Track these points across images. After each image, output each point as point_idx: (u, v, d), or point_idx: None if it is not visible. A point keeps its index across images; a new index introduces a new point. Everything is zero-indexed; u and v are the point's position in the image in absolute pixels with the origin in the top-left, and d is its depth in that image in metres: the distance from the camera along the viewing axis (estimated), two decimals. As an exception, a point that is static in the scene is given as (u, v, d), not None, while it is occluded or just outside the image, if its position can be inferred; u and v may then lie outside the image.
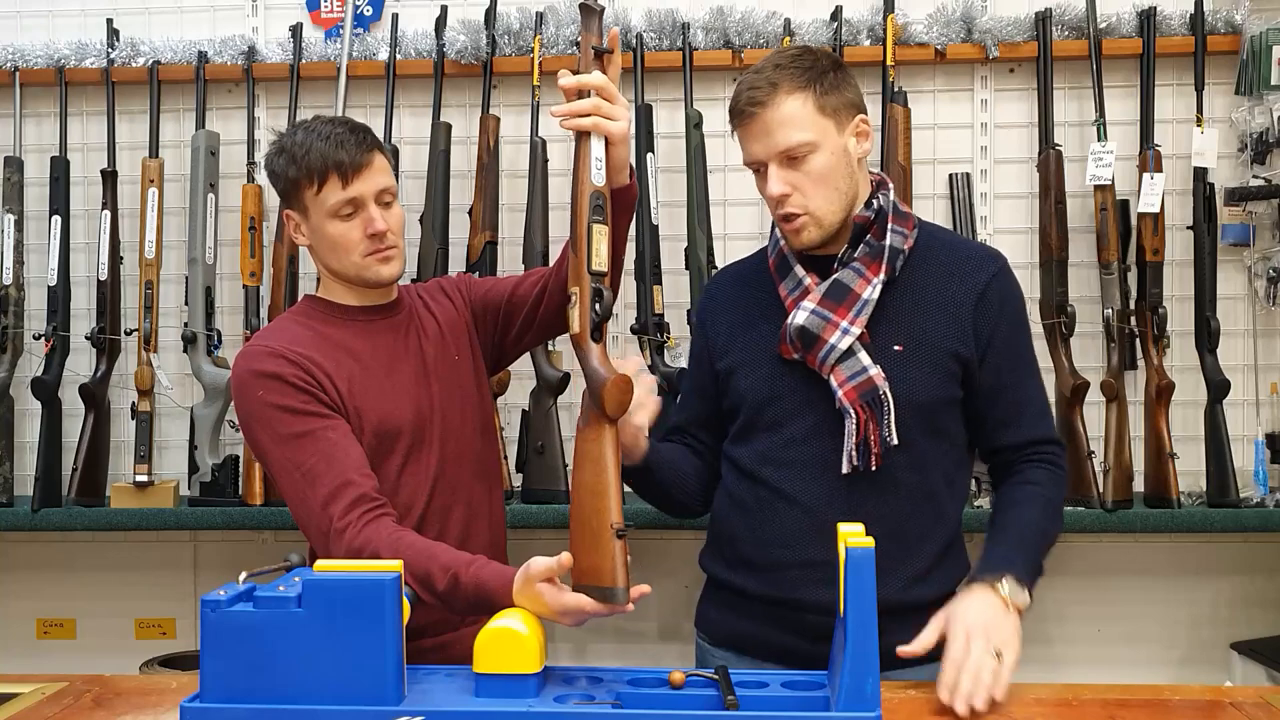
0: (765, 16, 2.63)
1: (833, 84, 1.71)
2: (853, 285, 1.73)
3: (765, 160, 1.72)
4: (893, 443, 1.70)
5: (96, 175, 2.73)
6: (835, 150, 1.71)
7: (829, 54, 1.78)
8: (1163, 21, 2.54)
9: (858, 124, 1.74)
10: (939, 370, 1.73)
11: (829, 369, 1.72)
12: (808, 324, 1.72)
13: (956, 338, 1.74)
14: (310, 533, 1.73)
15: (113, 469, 2.73)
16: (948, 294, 1.76)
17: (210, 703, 1.36)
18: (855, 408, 1.70)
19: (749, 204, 2.70)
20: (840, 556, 1.39)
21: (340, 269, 1.83)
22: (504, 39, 2.66)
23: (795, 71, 1.70)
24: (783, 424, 1.77)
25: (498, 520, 1.94)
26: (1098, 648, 2.71)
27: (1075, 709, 1.53)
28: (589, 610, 1.48)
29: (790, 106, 1.69)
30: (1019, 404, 1.78)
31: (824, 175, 1.70)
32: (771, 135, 1.70)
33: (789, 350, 1.75)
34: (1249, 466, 2.56)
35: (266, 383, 1.73)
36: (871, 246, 1.74)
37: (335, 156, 1.76)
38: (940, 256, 1.79)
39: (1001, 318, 1.76)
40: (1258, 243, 2.59)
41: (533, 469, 2.56)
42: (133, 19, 2.79)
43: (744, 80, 1.74)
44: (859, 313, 1.72)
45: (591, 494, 1.52)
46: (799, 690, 1.45)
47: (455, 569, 1.58)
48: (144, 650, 2.72)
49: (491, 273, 2.59)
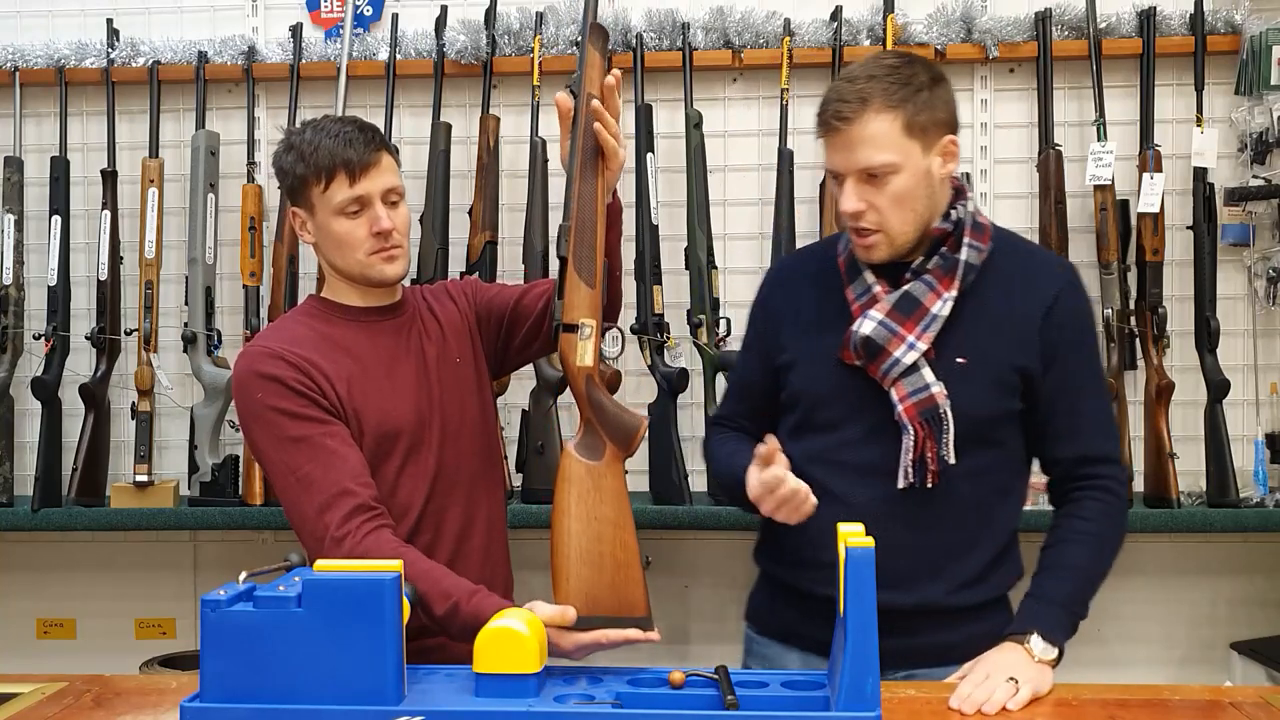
0: (765, 16, 2.63)
1: (926, 103, 1.65)
2: (923, 299, 1.70)
3: (844, 173, 1.68)
4: (950, 462, 1.68)
5: (96, 175, 2.73)
6: (917, 172, 1.66)
7: (929, 66, 1.71)
8: (1162, 21, 2.54)
9: (946, 145, 1.68)
10: (1000, 384, 1.71)
11: (891, 381, 1.70)
12: (874, 335, 1.69)
13: (1021, 351, 1.71)
14: (304, 537, 1.73)
15: (113, 469, 2.73)
16: (1015, 306, 1.72)
17: (210, 703, 1.36)
18: (914, 424, 1.68)
19: (749, 204, 2.71)
20: (840, 556, 1.39)
21: (345, 267, 1.83)
22: (504, 39, 2.66)
23: (889, 87, 1.63)
24: (838, 426, 1.75)
25: (497, 523, 1.94)
26: (1098, 648, 2.71)
27: (1075, 709, 1.53)
28: (608, 644, 1.49)
29: (876, 126, 1.63)
30: (1079, 417, 1.74)
31: (902, 196, 1.66)
32: (854, 151, 1.65)
33: (851, 356, 1.72)
34: (1249, 466, 2.56)
35: (266, 385, 1.73)
36: (946, 259, 1.70)
37: (343, 154, 1.76)
38: (1011, 267, 1.75)
39: (1067, 331, 1.73)
40: (1257, 243, 2.59)
41: (533, 469, 2.56)
42: (133, 19, 2.79)
43: (835, 88, 1.68)
44: (927, 328, 1.69)
45: (614, 526, 1.55)
46: (799, 690, 1.45)
47: (456, 597, 1.58)
48: (144, 650, 2.72)
49: (491, 273, 2.59)
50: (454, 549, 1.82)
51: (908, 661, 1.68)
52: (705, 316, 2.55)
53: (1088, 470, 1.74)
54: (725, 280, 2.66)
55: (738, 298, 2.67)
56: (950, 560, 1.72)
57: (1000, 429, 1.73)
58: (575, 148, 1.63)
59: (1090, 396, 1.76)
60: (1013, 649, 1.60)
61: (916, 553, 1.71)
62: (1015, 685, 1.52)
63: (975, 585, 1.73)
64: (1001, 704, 1.50)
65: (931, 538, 1.70)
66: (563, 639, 1.50)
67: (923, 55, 2.52)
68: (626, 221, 2.65)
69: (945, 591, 1.72)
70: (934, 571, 1.72)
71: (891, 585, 1.66)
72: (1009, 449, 1.76)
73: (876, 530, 1.54)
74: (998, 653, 1.60)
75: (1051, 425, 1.74)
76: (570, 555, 1.54)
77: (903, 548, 1.69)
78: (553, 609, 1.52)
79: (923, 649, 1.68)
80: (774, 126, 2.60)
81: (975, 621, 1.73)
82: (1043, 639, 1.60)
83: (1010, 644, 1.61)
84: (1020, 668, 1.56)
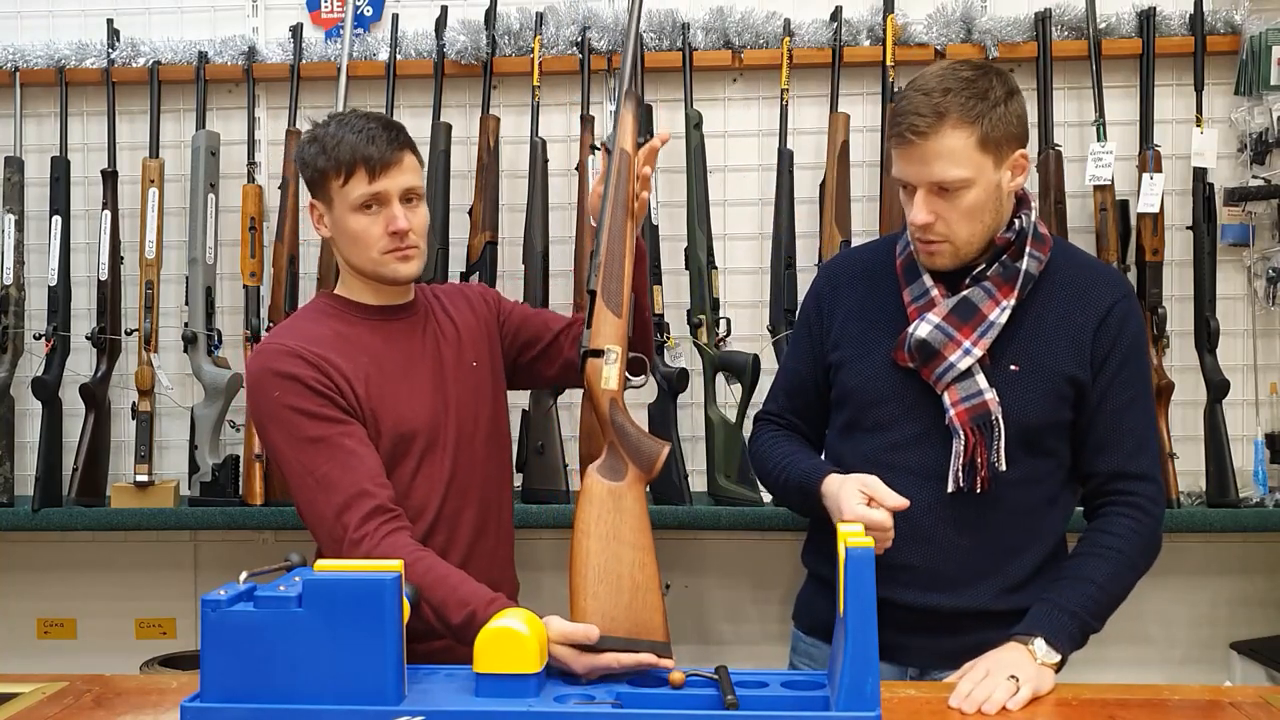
0: (765, 17, 2.62)
1: (1000, 117, 1.64)
2: (981, 305, 1.70)
3: (915, 184, 1.68)
4: (1000, 468, 1.68)
5: (97, 175, 2.73)
6: (989, 186, 1.66)
7: (1005, 80, 1.68)
8: (1162, 22, 2.54)
9: (1017, 159, 1.68)
10: (1052, 393, 1.71)
11: (944, 386, 1.70)
12: (930, 338, 1.70)
13: (1074, 361, 1.71)
14: (320, 538, 1.72)
15: (113, 469, 2.73)
16: (1071, 317, 1.73)
17: (210, 703, 1.36)
18: (965, 430, 1.68)
19: (749, 204, 2.71)
20: (840, 556, 1.39)
21: (359, 264, 1.82)
22: (504, 39, 2.66)
23: (966, 101, 1.62)
24: (888, 427, 1.75)
25: (506, 527, 1.94)
26: (1098, 648, 2.67)
27: (1075, 709, 1.53)
28: (620, 669, 1.48)
29: (952, 141, 1.62)
30: (1118, 431, 1.73)
31: (972, 210, 1.66)
32: (928, 165, 1.64)
33: (905, 359, 1.73)
34: (1248, 466, 2.56)
35: (283, 383, 1.72)
36: (1006, 268, 1.70)
37: (365, 150, 1.76)
38: (1068, 278, 1.75)
39: (1118, 344, 1.72)
40: (1257, 243, 2.59)
41: (533, 469, 2.56)
42: (133, 19, 2.79)
43: (909, 99, 1.65)
44: (983, 334, 1.69)
45: (633, 548, 1.56)
46: (799, 690, 1.45)
47: (474, 607, 1.57)
48: (144, 650, 2.72)
49: (492, 273, 2.60)
50: (467, 552, 1.82)
51: (954, 662, 1.67)
52: (705, 316, 2.55)
53: (1121, 486, 1.73)
54: (725, 280, 2.66)
55: (738, 298, 2.67)
56: (998, 565, 1.72)
57: (1051, 438, 1.74)
58: (607, 195, 1.69)
59: (1134, 412, 1.74)
60: (1015, 649, 1.60)
61: (964, 556, 1.72)
62: (1015, 684, 1.53)
63: (1022, 590, 1.73)
64: (1001, 703, 1.50)
65: (980, 542, 1.71)
66: (576, 661, 1.48)
67: (923, 55, 2.56)
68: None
69: (992, 595, 1.72)
70: (981, 575, 1.73)
71: (939, 588, 1.71)
72: (1059, 458, 1.76)
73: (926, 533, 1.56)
74: (1000, 652, 1.60)
75: (1091, 436, 1.74)
76: (588, 575, 1.54)
77: (951, 551, 1.71)
78: (575, 626, 1.50)
79: (969, 649, 1.67)
80: (774, 127, 2.60)
81: None
82: (1047, 643, 1.60)
83: (1014, 644, 1.61)
84: (1021, 667, 1.56)
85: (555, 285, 2.62)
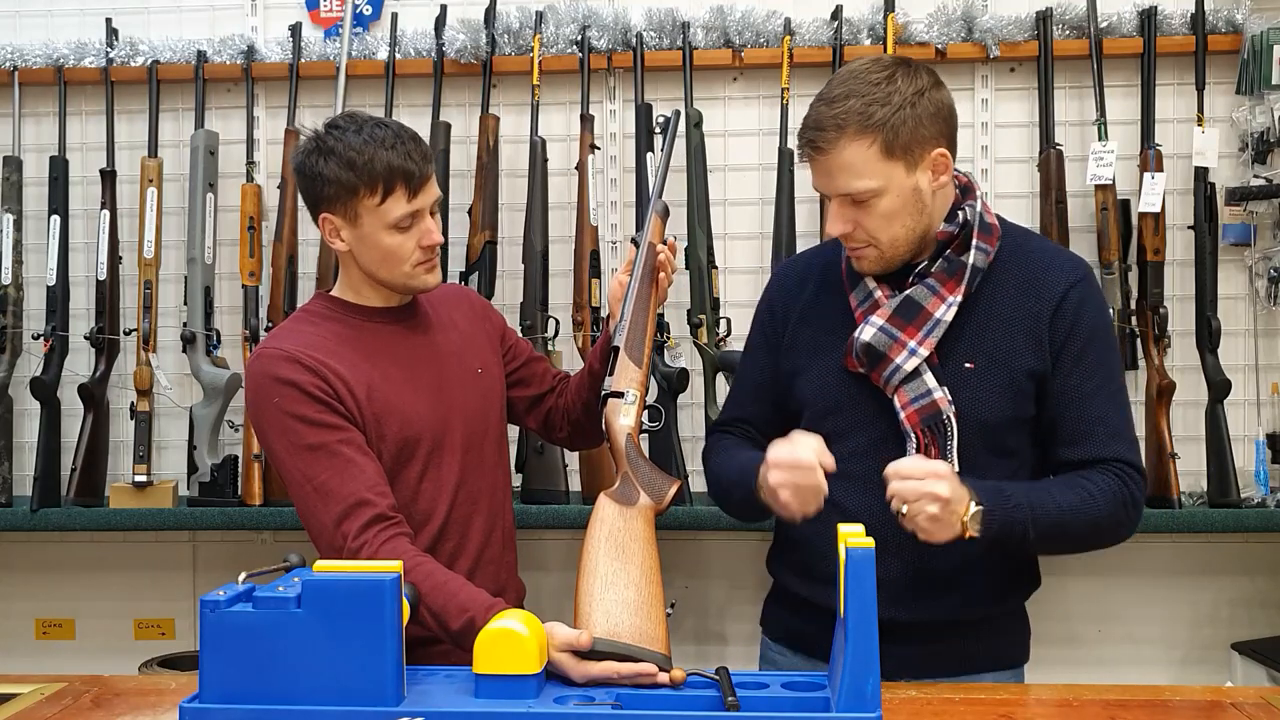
0: (765, 16, 2.62)
1: (907, 120, 1.58)
2: (925, 303, 1.66)
3: (828, 194, 1.66)
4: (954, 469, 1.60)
5: (95, 175, 2.73)
6: (903, 192, 1.61)
7: (916, 77, 1.62)
8: (1163, 21, 2.54)
9: (934, 159, 1.62)
10: (1011, 389, 1.66)
11: (893, 389, 1.66)
12: (874, 341, 1.66)
13: (1032, 353, 1.66)
14: (320, 546, 1.71)
15: (112, 469, 2.73)
16: (1024, 307, 1.67)
17: (210, 703, 1.36)
18: (916, 431, 1.64)
19: (749, 204, 2.70)
20: (840, 557, 1.38)
21: (388, 278, 1.79)
22: (504, 38, 2.65)
23: (866, 109, 1.58)
24: (844, 436, 1.70)
25: (510, 533, 1.93)
26: (1098, 648, 2.71)
27: (1075, 709, 1.53)
28: (616, 678, 1.48)
29: (851, 154, 1.59)
30: (1087, 420, 1.65)
31: (889, 216, 1.62)
32: (833, 179, 1.62)
33: (854, 364, 1.69)
34: (1250, 466, 2.56)
35: (282, 389, 1.70)
36: (950, 262, 1.66)
37: (404, 167, 1.71)
38: (1020, 268, 1.69)
39: (1076, 329, 1.66)
40: (1258, 242, 2.59)
41: (532, 469, 2.56)
42: (131, 18, 2.78)
43: (812, 110, 1.63)
44: (929, 333, 1.65)
45: (640, 568, 1.57)
46: (799, 691, 1.45)
47: (473, 613, 1.56)
48: (143, 650, 2.72)
49: (491, 272, 2.59)
50: (475, 558, 1.82)
51: (928, 670, 1.66)
52: (705, 316, 2.54)
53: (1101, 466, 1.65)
54: (725, 280, 2.66)
55: (738, 298, 2.67)
56: (964, 573, 1.67)
57: (1012, 436, 1.68)
58: (635, 277, 1.79)
59: (1101, 399, 1.66)
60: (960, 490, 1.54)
61: (929, 566, 1.66)
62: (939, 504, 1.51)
63: (990, 597, 1.71)
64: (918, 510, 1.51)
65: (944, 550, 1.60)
66: (574, 669, 1.48)
67: (923, 54, 2.55)
68: (626, 221, 2.67)
69: (960, 604, 1.69)
70: (948, 585, 1.68)
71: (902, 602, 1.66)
72: (1022, 458, 1.70)
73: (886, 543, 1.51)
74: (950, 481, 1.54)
75: (1060, 429, 1.67)
76: (594, 584, 1.54)
77: (914, 561, 1.66)
78: (569, 631, 1.49)
79: (943, 657, 1.66)
80: (774, 126, 2.60)
81: (995, 634, 1.73)
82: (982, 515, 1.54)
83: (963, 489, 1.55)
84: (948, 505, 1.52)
85: (555, 285, 2.62)
